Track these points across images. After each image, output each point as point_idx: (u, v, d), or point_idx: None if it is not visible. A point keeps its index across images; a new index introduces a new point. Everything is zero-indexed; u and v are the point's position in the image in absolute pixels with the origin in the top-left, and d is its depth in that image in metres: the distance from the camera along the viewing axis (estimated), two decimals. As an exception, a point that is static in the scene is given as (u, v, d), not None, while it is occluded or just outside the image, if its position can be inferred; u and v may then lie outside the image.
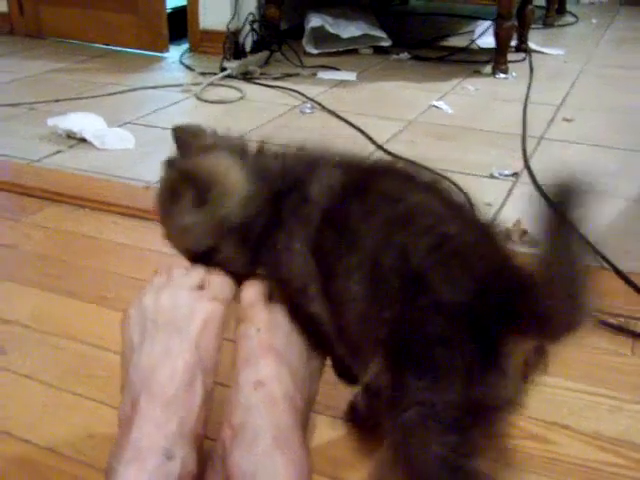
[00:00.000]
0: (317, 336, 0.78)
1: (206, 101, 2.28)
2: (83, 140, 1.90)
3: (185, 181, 0.77)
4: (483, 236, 0.70)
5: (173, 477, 0.69)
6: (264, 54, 2.80)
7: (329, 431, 0.91)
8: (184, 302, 0.80)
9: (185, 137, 0.82)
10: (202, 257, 0.81)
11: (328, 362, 0.82)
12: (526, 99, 2.29)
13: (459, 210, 0.72)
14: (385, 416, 0.68)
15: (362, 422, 0.89)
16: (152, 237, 0.98)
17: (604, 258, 1.29)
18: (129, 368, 0.78)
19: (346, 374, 0.82)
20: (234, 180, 0.78)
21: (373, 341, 0.69)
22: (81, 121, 1.95)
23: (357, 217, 0.71)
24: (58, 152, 1.85)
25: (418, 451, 0.65)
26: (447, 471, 0.64)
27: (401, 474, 0.67)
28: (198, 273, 0.82)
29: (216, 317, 0.80)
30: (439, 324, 0.63)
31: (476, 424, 0.65)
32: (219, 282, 0.82)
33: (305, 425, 0.76)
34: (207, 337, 0.79)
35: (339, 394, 0.89)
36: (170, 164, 0.80)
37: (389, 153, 1.81)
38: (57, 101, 2.25)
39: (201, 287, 0.82)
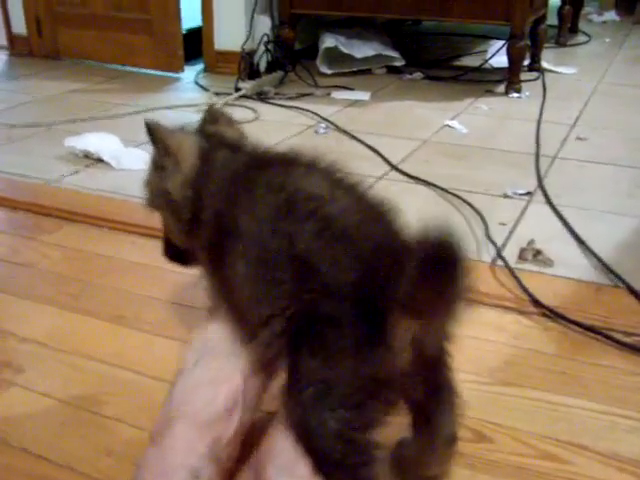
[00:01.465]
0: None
1: (221, 121, 2.29)
2: (100, 160, 1.93)
3: (155, 145, 0.89)
4: (369, 214, 0.74)
5: None
6: (278, 74, 2.82)
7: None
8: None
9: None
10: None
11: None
12: (539, 118, 2.30)
13: (346, 188, 0.76)
14: (286, 395, 0.72)
15: None
16: (169, 257, 0.99)
17: (618, 277, 1.29)
18: (174, 388, 0.79)
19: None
20: (187, 160, 0.87)
21: (260, 316, 0.73)
22: (98, 141, 1.98)
23: (242, 209, 0.77)
24: (75, 172, 1.87)
25: (316, 427, 0.68)
26: (342, 444, 0.67)
27: (302, 449, 0.70)
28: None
29: None
30: (327, 305, 0.67)
31: (369, 398, 0.68)
32: None
33: None
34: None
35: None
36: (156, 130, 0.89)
37: (403, 173, 1.82)
38: (74, 121, 2.28)
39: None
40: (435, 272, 0.61)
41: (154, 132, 0.86)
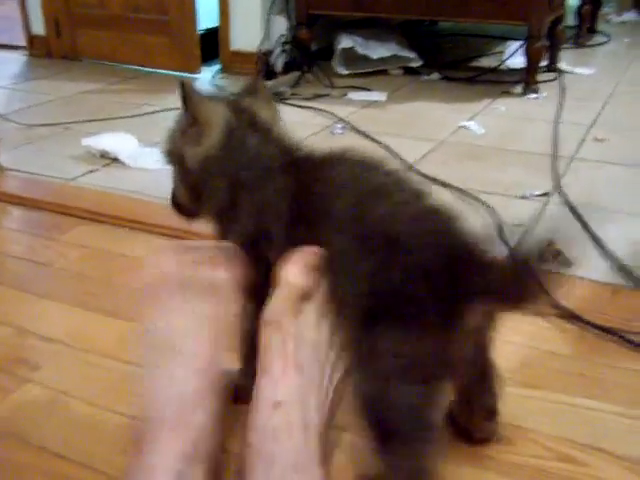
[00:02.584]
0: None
1: (238, 121, 2.29)
2: (116, 160, 1.94)
3: (184, 109, 0.89)
4: (446, 215, 0.77)
5: None
6: (295, 75, 2.83)
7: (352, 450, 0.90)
8: (191, 324, 0.79)
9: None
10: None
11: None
12: (557, 119, 2.28)
13: (420, 195, 0.79)
14: (359, 367, 0.73)
15: None
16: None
17: (637, 279, 1.28)
18: (144, 392, 0.78)
19: None
20: (212, 136, 0.86)
21: (352, 295, 0.74)
22: (114, 141, 1.99)
23: (330, 193, 0.79)
24: (92, 171, 1.88)
25: (393, 399, 0.71)
26: (413, 418, 0.71)
27: (368, 420, 0.72)
28: (206, 265, 0.82)
29: (223, 333, 0.79)
30: (416, 284, 0.69)
31: (440, 378, 0.73)
32: (228, 287, 0.81)
33: (324, 443, 0.75)
34: (214, 357, 0.78)
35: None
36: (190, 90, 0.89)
37: (420, 173, 1.82)
38: (91, 121, 2.29)
39: (212, 286, 0.81)
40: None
41: (187, 96, 0.88)
